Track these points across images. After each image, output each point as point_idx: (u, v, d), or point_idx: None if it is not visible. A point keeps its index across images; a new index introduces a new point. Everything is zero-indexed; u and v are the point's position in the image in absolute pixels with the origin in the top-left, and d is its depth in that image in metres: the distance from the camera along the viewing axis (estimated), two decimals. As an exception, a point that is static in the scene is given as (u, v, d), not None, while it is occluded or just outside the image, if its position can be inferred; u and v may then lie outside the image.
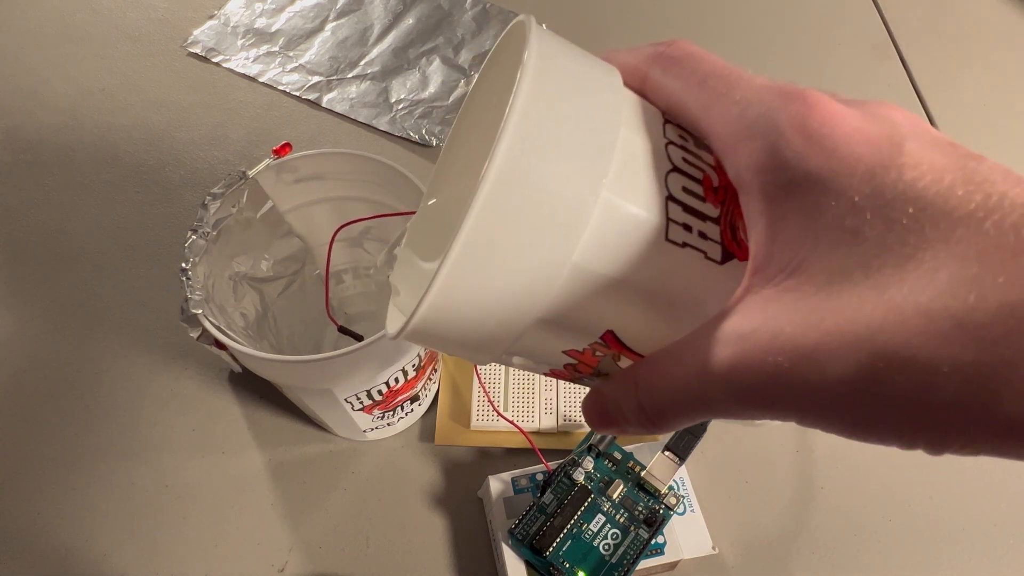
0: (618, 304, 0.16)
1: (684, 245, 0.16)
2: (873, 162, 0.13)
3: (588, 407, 0.18)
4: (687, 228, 0.16)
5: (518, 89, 0.15)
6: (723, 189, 0.17)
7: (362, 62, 0.59)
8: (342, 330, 0.34)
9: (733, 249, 0.17)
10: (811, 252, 0.13)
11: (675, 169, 0.16)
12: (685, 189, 0.16)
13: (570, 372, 0.19)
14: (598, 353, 0.18)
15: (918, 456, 0.40)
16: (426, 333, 0.17)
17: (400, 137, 0.55)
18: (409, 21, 0.62)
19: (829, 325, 0.12)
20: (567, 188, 0.15)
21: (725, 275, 0.16)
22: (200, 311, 0.31)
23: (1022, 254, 0.12)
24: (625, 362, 0.18)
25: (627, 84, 0.18)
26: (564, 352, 0.18)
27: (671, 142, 0.17)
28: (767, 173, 0.14)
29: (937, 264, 0.12)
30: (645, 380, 0.16)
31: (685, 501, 0.36)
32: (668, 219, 0.16)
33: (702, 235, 0.16)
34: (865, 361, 0.12)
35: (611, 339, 0.17)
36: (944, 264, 0.12)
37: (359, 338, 0.30)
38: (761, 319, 0.14)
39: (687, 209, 0.16)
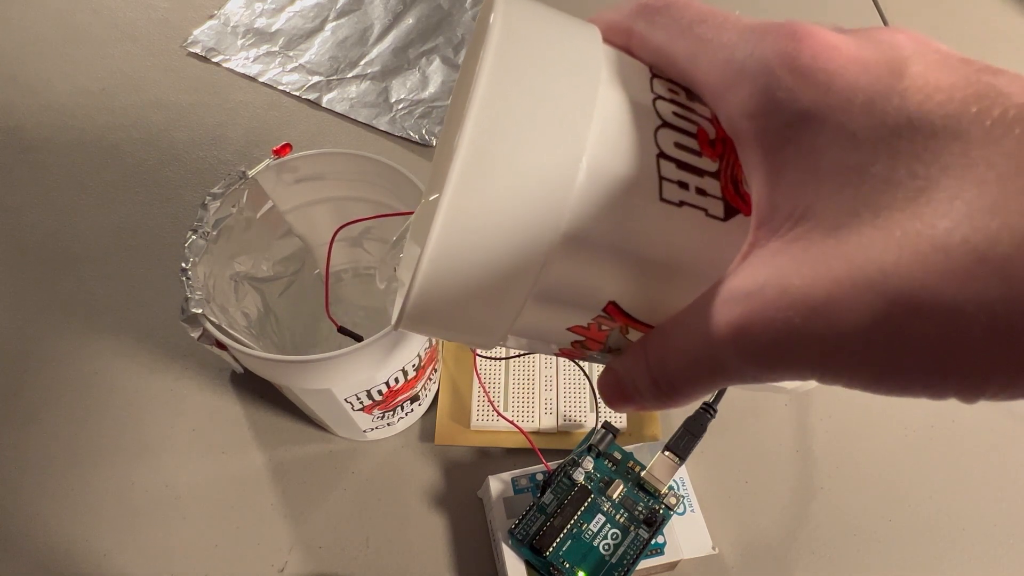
0: (617, 273, 0.16)
1: (681, 204, 0.15)
2: (872, 91, 0.12)
3: (602, 385, 0.17)
4: (683, 186, 0.15)
5: (483, 62, 0.14)
6: (720, 142, 0.16)
7: (362, 62, 0.59)
8: (342, 330, 0.34)
9: (737, 204, 0.16)
10: (815, 197, 0.12)
11: (665, 124, 0.16)
12: (678, 145, 0.16)
13: (580, 350, 0.18)
14: (604, 327, 0.17)
15: (918, 456, 0.40)
16: (424, 318, 0.16)
17: (400, 137, 0.55)
18: (409, 21, 0.62)
19: (839, 273, 0.11)
20: (545, 157, 0.14)
21: (731, 232, 0.16)
22: (201, 311, 0.31)
23: None
24: (635, 335, 0.17)
25: (612, 42, 0.17)
26: (569, 329, 0.17)
27: (659, 97, 0.16)
28: (761, 118, 0.13)
29: (952, 193, 0.11)
30: (655, 352, 0.15)
31: (685, 501, 0.36)
32: (661, 177, 0.15)
33: (700, 192, 0.15)
34: (881, 308, 0.11)
35: (615, 311, 0.16)
36: (960, 192, 0.11)
37: (359, 338, 0.30)
38: (768, 274, 0.13)
39: (682, 165, 0.15)
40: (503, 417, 0.40)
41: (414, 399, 0.38)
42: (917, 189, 0.11)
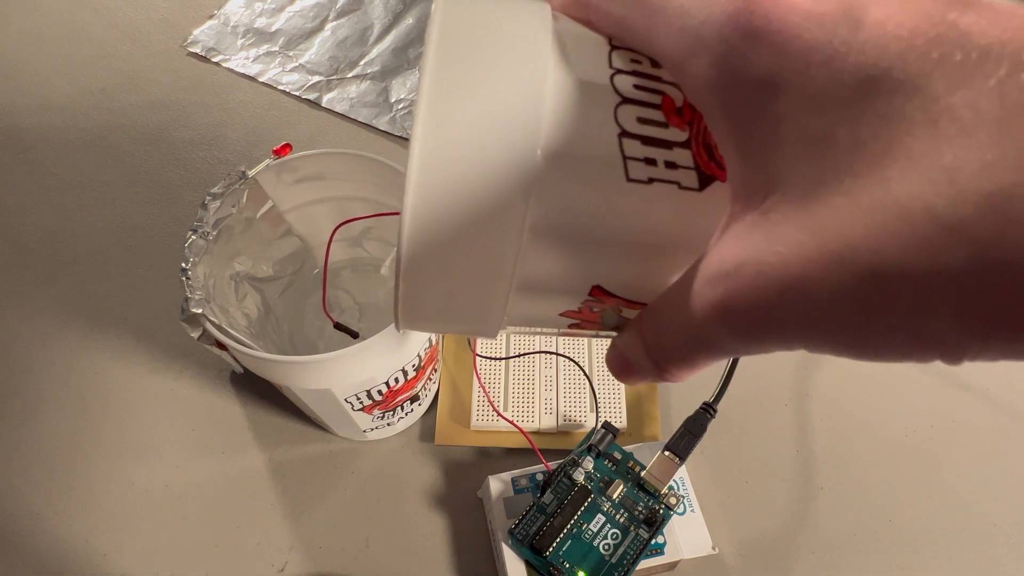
0: (594, 258, 0.16)
1: (651, 181, 0.15)
2: (829, 49, 0.11)
3: (608, 360, 0.17)
4: (650, 162, 0.15)
5: (424, 61, 0.14)
6: (689, 107, 0.15)
7: (362, 62, 0.59)
8: (337, 326, 0.34)
9: (712, 171, 0.15)
10: (783, 167, 0.12)
11: (625, 100, 0.15)
12: (641, 119, 0.15)
13: (579, 331, 0.18)
14: (595, 309, 0.17)
15: (918, 456, 0.40)
16: (418, 314, 0.16)
17: (400, 137, 0.55)
18: (409, 21, 0.62)
19: (810, 249, 0.11)
20: (498, 152, 0.14)
21: (709, 200, 0.15)
22: (200, 311, 0.31)
23: (1013, 121, 0.09)
24: (631, 312, 0.17)
25: (571, 15, 0.16)
26: (561, 315, 0.17)
27: (618, 71, 0.15)
28: (721, 89, 0.13)
29: (915, 154, 0.10)
30: (649, 332, 0.15)
31: (685, 501, 0.35)
32: (625, 157, 0.15)
33: (670, 165, 0.15)
34: (852, 284, 0.11)
35: (601, 293, 0.16)
36: (923, 152, 0.10)
37: (354, 334, 0.30)
38: (745, 252, 0.12)
39: (647, 141, 0.15)
40: (503, 417, 0.40)
41: (414, 399, 0.38)
42: (881, 152, 0.11)
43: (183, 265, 0.32)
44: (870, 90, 0.11)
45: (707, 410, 0.37)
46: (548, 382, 0.41)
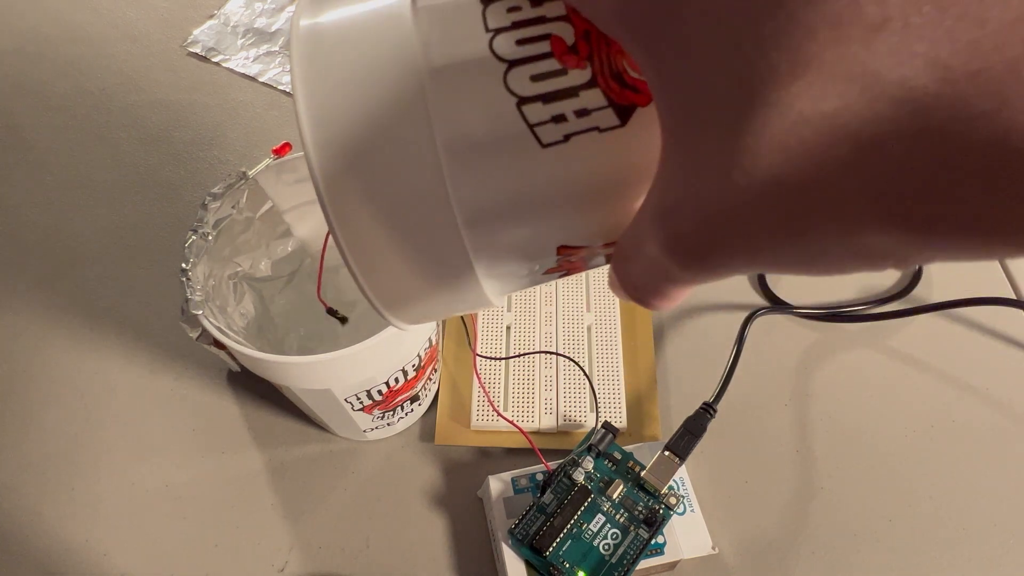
0: (545, 226, 0.15)
1: (567, 138, 0.14)
2: None
3: (609, 286, 0.17)
4: (559, 119, 0.14)
5: (295, 93, 0.14)
6: (583, 39, 0.14)
7: (362, 62, 0.59)
8: (330, 311, 0.34)
9: (629, 99, 0.14)
10: (699, 91, 0.11)
11: (512, 64, 0.14)
12: (535, 77, 0.14)
13: (575, 273, 0.18)
14: (573, 259, 0.17)
15: (918, 456, 0.40)
16: (400, 307, 0.17)
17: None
18: (409, 21, 0.62)
19: (738, 177, 0.11)
20: (401, 163, 0.14)
21: (640, 129, 0.14)
22: (200, 311, 0.31)
23: (918, 10, 0.09)
24: (607, 250, 0.17)
25: None
26: (545, 273, 0.17)
27: (497, 31, 0.14)
28: (630, 14, 0.12)
29: (823, 64, 0.09)
30: (619, 268, 0.15)
31: (685, 501, 0.35)
32: (531, 126, 0.14)
33: (582, 113, 0.14)
34: (780, 210, 0.10)
35: (569, 249, 0.16)
36: (832, 61, 0.09)
37: (343, 319, 0.30)
38: (682, 189, 0.12)
39: (549, 98, 0.14)
40: (503, 417, 0.40)
41: (414, 399, 0.38)
42: (789, 66, 0.10)
43: (183, 265, 0.32)
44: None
45: (707, 410, 0.37)
46: (548, 382, 0.41)
